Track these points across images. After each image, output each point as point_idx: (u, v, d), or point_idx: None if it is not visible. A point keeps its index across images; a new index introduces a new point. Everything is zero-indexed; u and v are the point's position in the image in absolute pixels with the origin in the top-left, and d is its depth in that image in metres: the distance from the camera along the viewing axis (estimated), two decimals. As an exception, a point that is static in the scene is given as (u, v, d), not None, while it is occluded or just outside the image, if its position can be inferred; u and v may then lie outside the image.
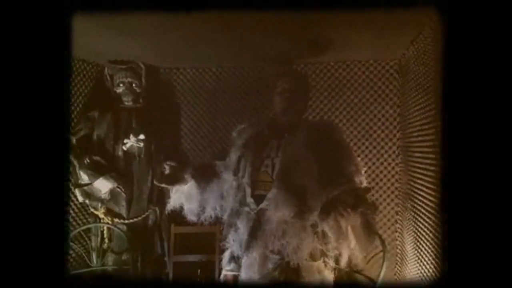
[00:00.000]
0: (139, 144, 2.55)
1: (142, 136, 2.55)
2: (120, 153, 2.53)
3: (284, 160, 1.67)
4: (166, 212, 1.93)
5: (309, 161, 1.62)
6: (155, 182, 1.81)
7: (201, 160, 2.93)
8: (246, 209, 1.70)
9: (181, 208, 1.79)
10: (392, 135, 2.72)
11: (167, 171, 1.68)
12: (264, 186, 1.68)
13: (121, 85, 2.59)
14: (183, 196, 1.77)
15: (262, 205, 1.65)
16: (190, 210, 1.78)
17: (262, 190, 1.68)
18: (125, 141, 2.54)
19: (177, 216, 2.63)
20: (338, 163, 1.62)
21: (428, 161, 1.89)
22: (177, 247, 2.59)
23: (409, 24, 1.87)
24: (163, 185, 1.78)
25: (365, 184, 1.65)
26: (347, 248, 1.46)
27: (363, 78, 2.76)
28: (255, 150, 1.76)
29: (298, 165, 1.62)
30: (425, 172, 1.95)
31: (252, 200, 1.69)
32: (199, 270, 2.46)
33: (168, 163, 1.70)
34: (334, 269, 1.70)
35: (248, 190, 1.71)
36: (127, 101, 2.61)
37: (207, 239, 2.47)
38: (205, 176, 1.79)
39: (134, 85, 2.60)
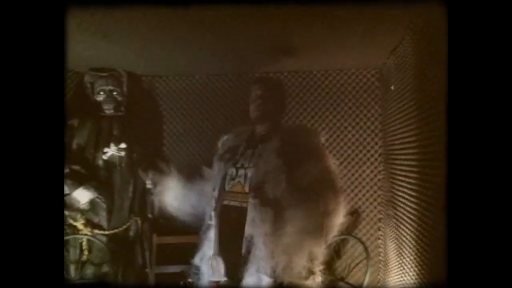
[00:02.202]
0: (120, 153, 2.50)
1: (123, 145, 2.50)
2: (101, 162, 2.47)
3: (255, 173, 1.62)
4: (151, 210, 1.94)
5: (279, 171, 1.56)
6: (139, 172, 1.85)
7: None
8: (210, 223, 1.69)
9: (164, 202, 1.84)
10: (373, 143, 2.75)
11: (149, 185, 1.73)
12: (237, 197, 1.64)
13: (101, 93, 2.55)
14: (165, 190, 1.82)
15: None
16: (171, 205, 1.81)
17: (236, 201, 1.64)
18: (105, 150, 2.48)
19: (159, 226, 2.61)
20: (308, 166, 1.57)
21: (409, 169, 1.92)
22: (159, 258, 2.53)
23: (390, 33, 1.90)
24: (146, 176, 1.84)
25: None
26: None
27: (345, 87, 2.79)
28: (230, 161, 1.74)
29: (269, 176, 1.58)
30: (407, 179, 1.97)
31: (213, 214, 1.68)
32: (181, 282, 2.41)
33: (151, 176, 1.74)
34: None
35: (213, 204, 1.69)
36: (108, 109, 2.56)
37: (189, 249, 2.42)
38: (189, 172, 1.82)
39: (115, 93, 2.56)
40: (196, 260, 1.75)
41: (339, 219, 1.58)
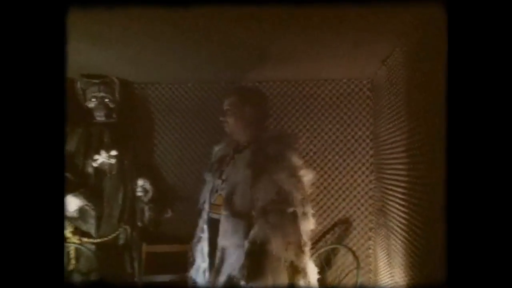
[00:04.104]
0: (111, 161, 2.47)
1: (114, 152, 2.48)
2: (91, 169, 2.45)
3: (227, 184, 1.64)
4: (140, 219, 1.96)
5: (246, 182, 1.57)
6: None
7: (174, 176, 2.88)
8: (202, 235, 1.71)
9: None
10: (365, 152, 2.76)
11: (139, 193, 1.68)
12: (218, 209, 1.66)
13: (93, 99, 2.53)
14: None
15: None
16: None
17: (217, 213, 1.66)
18: (96, 157, 2.46)
19: (149, 235, 2.58)
20: (275, 175, 1.55)
21: (400, 178, 1.92)
22: (148, 267, 2.50)
23: (381, 43, 1.92)
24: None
25: (307, 191, 1.63)
26: None
27: (337, 96, 2.80)
28: (217, 172, 1.75)
29: (238, 188, 1.59)
30: (398, 188, 1.98)
31: (205, 227, 1.69)
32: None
33: (141, 183, 1.71)
34: None
35: (205, 216, 1.71)
36: (100, 116, 2.55)
37: (179, 258, 2.40)
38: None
39: (107, 100, 2.54)
40: (192, 273, 1.76)
41: (309, 226, 1.59)
